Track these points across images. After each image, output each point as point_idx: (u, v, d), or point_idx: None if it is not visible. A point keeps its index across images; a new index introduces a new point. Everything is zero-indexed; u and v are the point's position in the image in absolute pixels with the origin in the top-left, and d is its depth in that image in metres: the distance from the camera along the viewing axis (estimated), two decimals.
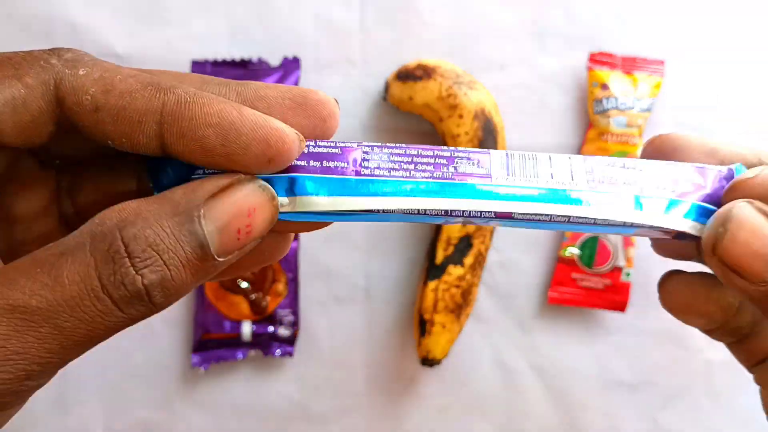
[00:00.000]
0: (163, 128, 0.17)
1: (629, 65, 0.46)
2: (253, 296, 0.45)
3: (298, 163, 0.19)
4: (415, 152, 0.20)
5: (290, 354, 0.46)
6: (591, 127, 0.46)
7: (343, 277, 0.47)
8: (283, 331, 0.45)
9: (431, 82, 0.43)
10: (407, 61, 0.45)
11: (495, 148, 0.43)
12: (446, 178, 0.19)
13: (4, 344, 0.14)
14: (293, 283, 0.46)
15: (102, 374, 0.46)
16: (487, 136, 0.43)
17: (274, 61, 0.45)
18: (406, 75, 0.44)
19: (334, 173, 0.19)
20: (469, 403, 0.47)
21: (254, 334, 0.45)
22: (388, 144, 0.20)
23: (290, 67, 0.45)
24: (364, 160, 0.19)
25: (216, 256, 0.16)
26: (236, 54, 0.45)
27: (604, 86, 0.46)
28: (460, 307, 0.44)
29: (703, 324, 0.22)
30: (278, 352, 0.45)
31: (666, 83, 0.46)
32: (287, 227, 0.20)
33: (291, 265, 0.46)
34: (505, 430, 0.48)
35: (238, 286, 0.45)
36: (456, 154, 0.20)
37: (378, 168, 0.19)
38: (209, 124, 0.16)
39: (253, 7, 0.45)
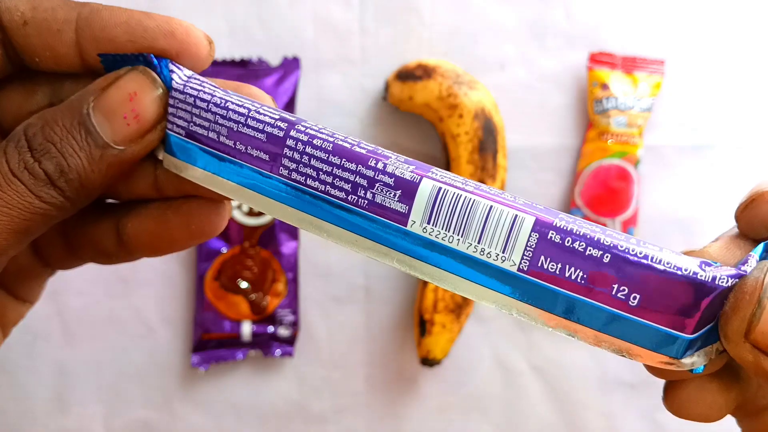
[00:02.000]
0: (79, 35, 0.19)
1: (629, 65, 0.46)
2: (252, 296, 0.45)
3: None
4: (338, 161, 0.18)
5: (290, 354, 0.46)
6: (591, 127, 0.46)
7: (342, 277, 0.47)
8: (283, 331, 0.45)
9: (431, 82, 0.43)
10: (407, 61, 0.45)
11: (495, 148, 0.43)
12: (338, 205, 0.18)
13: None
14: (293, 283, 0.46)
15: (101, 374, 0.46)
16: (487, 136, 0.43)
17: (274, 61, 0.45)
18: (406, 75, 0.44)
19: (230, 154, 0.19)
20: (469, 403, 0.47)
21: (254, 334, 0.45)
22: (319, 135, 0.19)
23: (290, 67, 0.45)
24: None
25: (113, 144, 0.18)
26: (236, 54, 0.45)
27: (604, 86, 0.46)
28: (460, 307, 0.44)
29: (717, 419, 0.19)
30: (278, 352, 0.45)
31: (666, 83, 0.46)
32: (195, 189, 0.21)
33: (291, 265, 0.46)
34: (505, 430, 0.48)
35: (238, 286, 0.45)
36: (379, 177, 0.17)
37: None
38: (117, 24, 0.19)
39: (253, 7, 0.45)
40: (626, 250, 0.15)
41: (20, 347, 0.45)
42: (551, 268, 0.16)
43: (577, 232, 0.16)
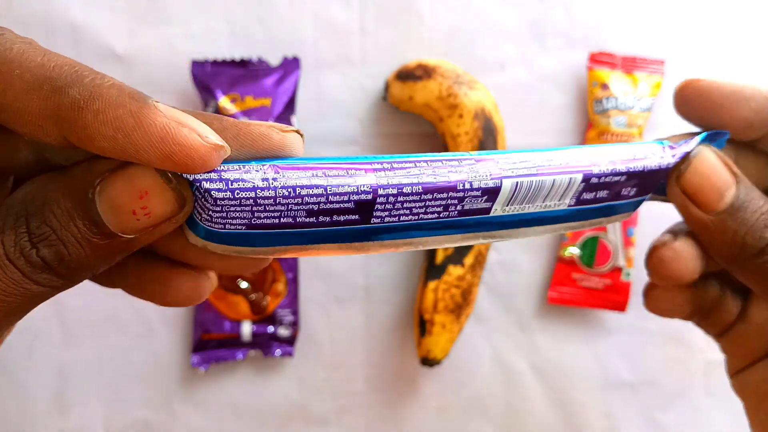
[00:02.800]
0: (64, 133, 0.16)
1: (629, 65, 0.46)
2: (253, 296, 0.45)
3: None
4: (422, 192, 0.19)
5: (290, 354, 0.46)
6: (591, 127, 0.46)
7: (342, 277, 0.47)
8: (283, 331, 0.45)
9: (431, 82, 0.43)
10: (407, 61, 0.45)
11: (495, 148, 0.43)
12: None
13: None
14: (293, 283, 0.46)
15: (101, 374, 0.46)
16: (487, 136, 0.43)
17: (274, 60, 0.45)
18: (406, 75, 0.44)
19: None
20: (469, 403, 0.47)
21: (254, 334, 0.45)
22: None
23: (290, 67, 0.45)
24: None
25: (120, 233, 0.17)
26: (236, 54, 0.45)
27: (604, 86, 0.45)
28: (460, 307, 0.44)
29: (679, 317, 0.26)
30: (278, 352, 0.45)
31: (666, 83, 0.46)
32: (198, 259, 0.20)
33: (291, 265, 0.46)
34: (505, 430, 0.48)
35: (238, 286, 0.45)
36: (468, 194, 0.20)
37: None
38: (105, 137, 0.15)
39: (253, 7, 0.45)
40: (630, 169, 0.22)
41: (20, 347, 0.45)
42: (589, 197, 0.22)
43: (605, 171, 0.21)
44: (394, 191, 0.18)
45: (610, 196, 0.22)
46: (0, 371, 0.45)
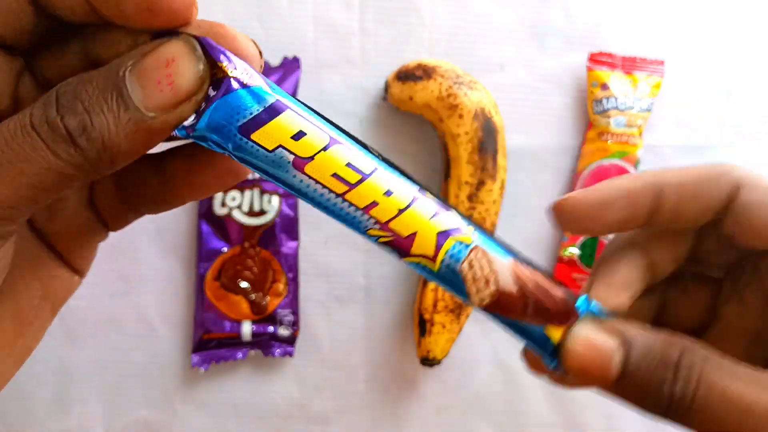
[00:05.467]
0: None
1: (629, 65, 0.46)
2: (253, 296, 0.45)
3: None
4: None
5: (290, 354, 0.46)
6: (591, 127, 0.46)
7: (343, 277, 0.47)
8: (283, 331, 0.45)
9: (431, 82, 0.43)
10: (407, 61, 0.45)
11: (495, 148, 0.43)
12: None
13: None
14: (293, 283, 0.46)
15: (102, 374, 0.46)
16: (487, 136, 0.43)
17: (274, 61, 0.45)
18: (406, 75, 0.44)
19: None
20: (469, 403, 0.47)
21: (254, 334, 0.45)
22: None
23: (290, 67, 0.45)
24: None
25: (144, 109, 0.17)
26: None
27: (604, 86, 0.46)
28: (460, 307, 0.44)
29: None
30: (278, 352, 0.45)
31: (666, 83, 0.46)
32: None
33: (291, 265, 0.46)
34: (505, 430, 0.48)
35: (239, 286, 0.45)
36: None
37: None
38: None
39: (253, 7, 0.45)
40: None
41: None
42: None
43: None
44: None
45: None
46: None
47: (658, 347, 0.20)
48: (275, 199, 0.45)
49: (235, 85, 0.19)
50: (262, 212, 0.45)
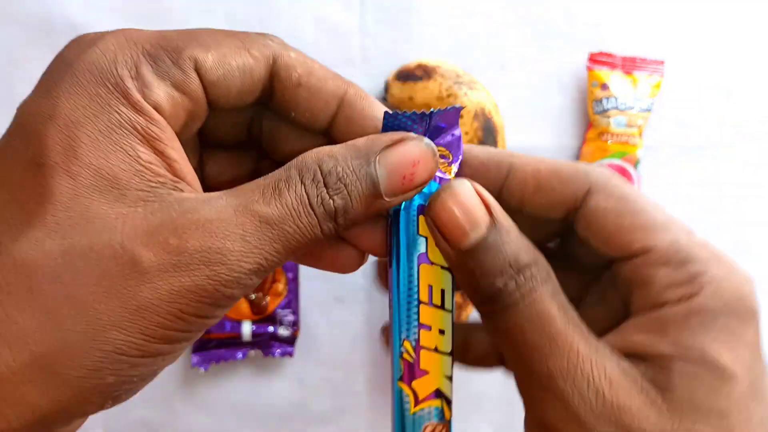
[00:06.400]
0: (339, 110, 0.22)
1: (629, 65, 0.46)
2: (253, 296, 0.45)
3: None
4: None
5: (290, 354, 0.46)
6: (591, 127, 0.46)
7: (343, 277, 0.47)
8: (283, 331, 0.45)
9: (431, 82, 0.43)
10: (407, 61, 0.45)
11: (495, 147, 0.44)
12: None
13: (249, 239, 0.18)
14: (293, 283, 0.46)
15: None
16: (487, 136, 0.43)
17: None
18: (406, 75, 0.44)
19: None
20: (469, 403, 0.47)
21: (254, 334, 0.45)
22: None
23: None
24: None
25: (384, 195, 0.20)
26: None
27: (604, 86, 0.46)
28: (460, 307, 0.44)
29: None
30: (278, 352, 0.46)
31: (666, 83, 0.46)
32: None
33: (291, 265, 0.46)
34: (505, 430, 0.48)
35: None
36: None
37: None
38: (372, 118, 0.22)
39: (253, 7, 0.45)
40: None
41: None
42: None
43: None
44: None
45: None
46: None
47: (517, 246, 0.21)
48: None
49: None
50: None
